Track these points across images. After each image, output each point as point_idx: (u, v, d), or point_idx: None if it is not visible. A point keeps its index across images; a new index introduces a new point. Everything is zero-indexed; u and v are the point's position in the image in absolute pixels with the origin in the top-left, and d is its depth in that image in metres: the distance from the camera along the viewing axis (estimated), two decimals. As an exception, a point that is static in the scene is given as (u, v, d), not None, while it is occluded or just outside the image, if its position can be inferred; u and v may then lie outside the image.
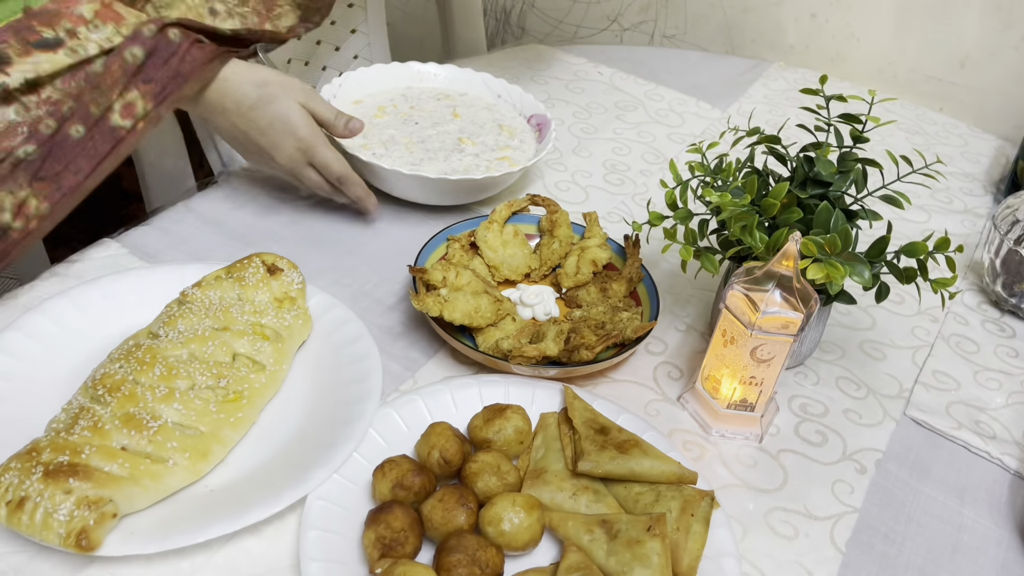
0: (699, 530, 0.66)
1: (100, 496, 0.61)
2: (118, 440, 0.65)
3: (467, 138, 1.05)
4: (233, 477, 0.69)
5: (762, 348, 0.73)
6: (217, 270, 0.82)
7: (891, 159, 0.82)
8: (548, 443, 0.73)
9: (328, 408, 0.74)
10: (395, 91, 1.14)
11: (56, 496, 0.60)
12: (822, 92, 0.82)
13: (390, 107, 1.10)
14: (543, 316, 0.87)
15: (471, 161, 1.02)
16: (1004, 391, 0.90)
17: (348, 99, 1.10)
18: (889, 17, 1.49)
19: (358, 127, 0.94)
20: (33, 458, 0.62)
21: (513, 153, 1.04)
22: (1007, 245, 0.98)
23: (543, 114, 1.10)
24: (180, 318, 0.75)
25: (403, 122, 1.07)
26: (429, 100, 1.13)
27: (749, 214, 0.76)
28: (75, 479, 0.61)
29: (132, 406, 0.67)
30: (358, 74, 1.12)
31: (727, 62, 1.55)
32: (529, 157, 1.03)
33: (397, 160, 1.00)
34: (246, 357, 0.75)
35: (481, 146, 1.05)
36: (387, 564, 0.61)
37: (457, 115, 1.10)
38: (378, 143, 1.03)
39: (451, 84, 1.16)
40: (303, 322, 0.80)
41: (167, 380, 0.70)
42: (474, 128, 1.08)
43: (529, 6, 1.92)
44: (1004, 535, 0.75)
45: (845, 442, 0.81)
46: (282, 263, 0.83)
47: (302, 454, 0.70)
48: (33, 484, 0.60)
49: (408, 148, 1.02)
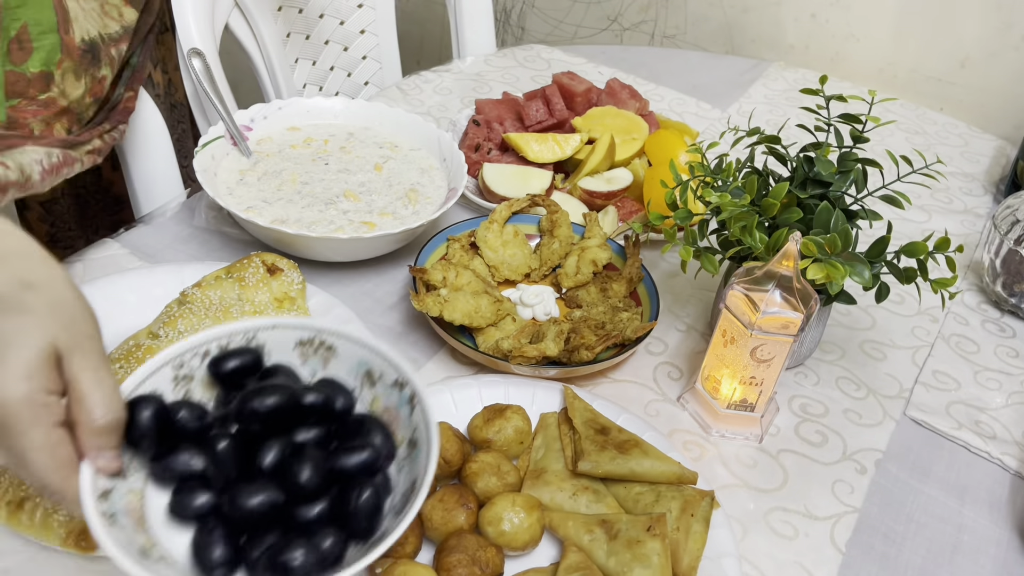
0: (699, 530, 0.66)
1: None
2: None
3: (356, 194, 0.95)
4: None
5: (762, 348, 0.73)
6: (217, 270, 0.82)
7: (891, 159, 0.82)
8: (548, 443, 0.73)
9: None
10: (343, 128, 1.06)
11: None
12: (822, 92, 0.82)
13: (319, 142, 1.03)
14: (543, 316, 0.87)
15: (332, 217, 0.92)
16: (1004, 391, 0.90)
17: (285, 124, 1.04)
18: (889, 17, 1.49)
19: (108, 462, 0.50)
20: None
21: (388, 222, 0.92)
22: (1007, 245, 0.98)
23: (456, 188, 0.97)
24: (180, 318, 0.75)
25: (313, 159, 0.99)
26: (371, 146, 1.04)
27: (749, 214, 0.76)
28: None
29: None
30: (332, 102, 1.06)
31: (727, 62, 1.55)
32: (399, 232, 0.88)
33: (248, 197, 0.92)
34: None
35: (363, 205, 0.94)
36: (387, 564, 0.61)
37: (379, 168, 1.00)
38: (256, 174, 0.96)
39: (408, 137, 1.05)
40: None
41: None
42: (379, 186, 0.97)
43: (529, 6, 1.92)
44: (1004, 535, 0.75)
45: (845, 442, 0.81)
46: (282, 263, 0.83)
47: None
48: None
49: (279, 187, 0.94)
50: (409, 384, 0.56)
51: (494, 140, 1.10)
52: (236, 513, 0.51)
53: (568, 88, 1.18)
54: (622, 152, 1.08)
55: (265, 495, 0.51)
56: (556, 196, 1.03)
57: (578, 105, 1.18)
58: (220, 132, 0.97)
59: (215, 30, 1.12)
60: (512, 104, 1.17)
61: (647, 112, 1.19)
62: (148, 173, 1.06)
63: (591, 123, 1.12)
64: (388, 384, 0.57)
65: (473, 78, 1.36)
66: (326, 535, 0.51)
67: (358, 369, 0.58)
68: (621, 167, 1.08)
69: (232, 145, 0.98)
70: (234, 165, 0.97)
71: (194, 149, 0.93)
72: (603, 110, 1.14)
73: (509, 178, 1.03)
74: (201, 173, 0.90)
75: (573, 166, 1.09)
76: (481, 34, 1.46)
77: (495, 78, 1.36)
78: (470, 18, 1.45)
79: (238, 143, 0.98)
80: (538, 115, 1.14)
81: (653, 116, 1.18)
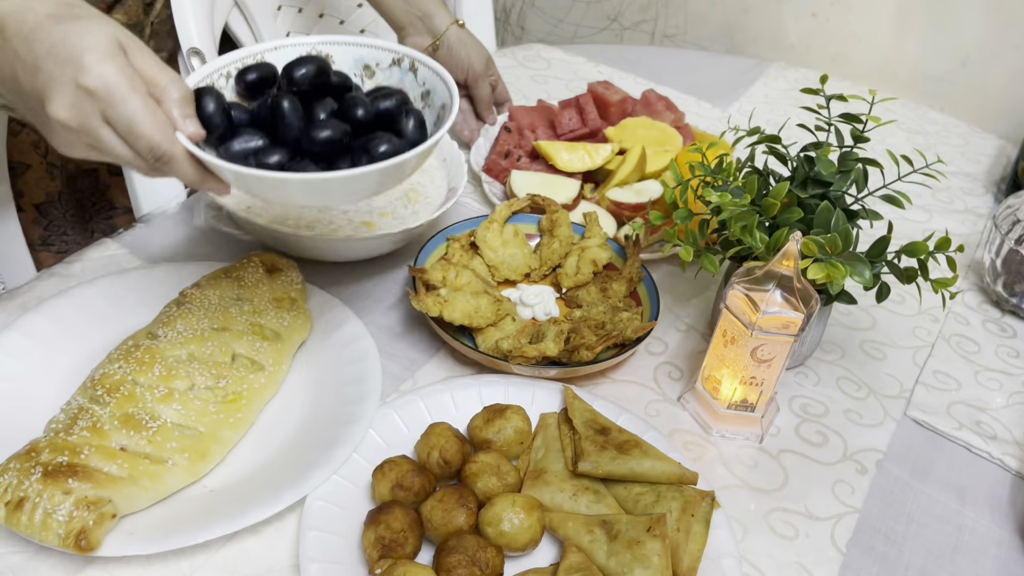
0: (699, 530, 0.66)
1: (99, 497, 0.61)
2: (117, 440, 0.65)
3: None
4: (232, 477, 0.69)
5: (762, 348, 0.73)
6: (216, 270, 0.82)
7: (892, 159, 0.82)
8: (548, 443, 0.73)
9: (328, 408, 0.74)
10: None
11: (55, 496, 0.60)
12: (822, 92, 0.82)
13: None
14: (543, 316, 0.87)
15: (331, 217, 0.92)
16: (1005, 391, 0.90)
17: None
18: (889, 17, 1.49)
19: (193, 130, 0.60)
20: (32, 458, 0.62)
21: (388, 222, 0.93)
22: (1008, 245, 0.98)
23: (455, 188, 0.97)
24: (179, 318, 0.75)
25: None
26: None
27: (749, 214, 0.76)
28: (74, 479, 0.61)
29: (131, 406, 0.67)
30: None
31: (727, 62, 1.55)
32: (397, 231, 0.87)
33: (246, 197, 0.92)
34: (245, 357, 0.74)
35: (363, 205, 0.95)
36: (387, 564, 0.61)
37: None
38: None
39: None
40: (302, 322, 0.80)
41: (166, 380, 0.69)
42: None
43: (529, 6, 1.92)
44: (1004, 535, 0.75)
45: (845, 442, 0.81)
46: (281, 263, 0.82)
47: (301, 454, 0.70)
48: (32, 484, 0.60)
49: None
50: (405, 56, 0.69)
51: (525, 147, 1.10)
52: (313, 147, 0.64)
53: (603, 97, 1.17)
54: (653, 164, 1.06)
55: (333, 128, 0.65)
56: (584, 206, 1.02)
57: (612, 115, 1.17)
58: None
59: (214, 30, 1.12)
60: (546, 112, 1.16)
61: (682, 124, 1.17)
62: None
63: (624, 133, 1.11)
64: (385, 67, 0.69)
65: (473, 78, 1.35)
66: (395, 136, 0.66)
67: (356, 66, 0.72)
68: (652, 179, 1.06)
69: None
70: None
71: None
72: (637, 121, 1.13)
73: (536, 186, 1.02)
74: None
75: (603, 176, 1.08)
76: (481, 33, 1.46)
77: (495, 78, 1.36)
78: (470, 17, 1.44)
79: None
80: (571, 123, 1.13)
81: (688, 128, 1.16)
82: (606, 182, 1.05)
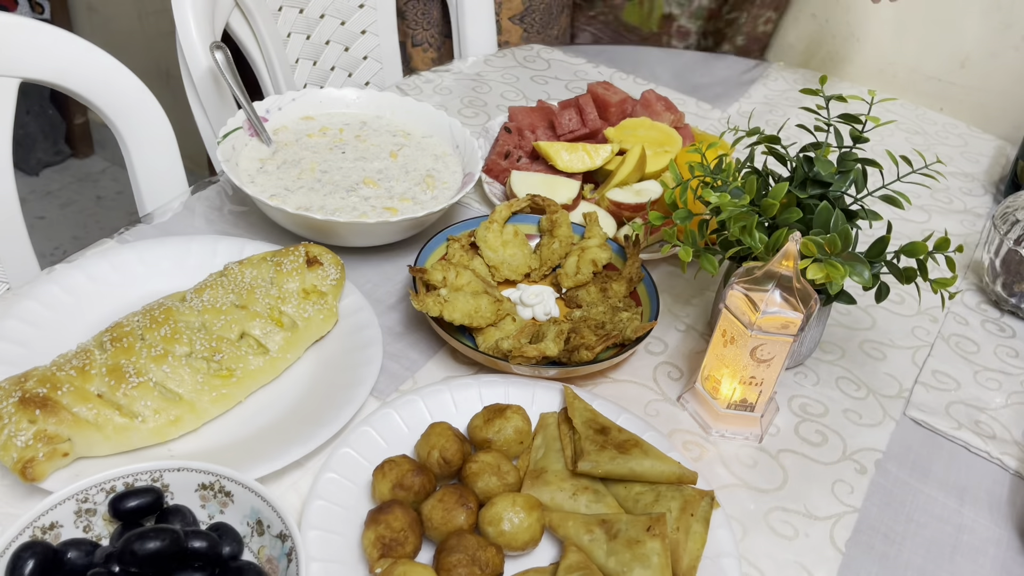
0: (699, 530, 0.66)
1: (57, 433, 0.64)
2: (97, 386, 0.68)
3: (375, 181, 0.98)
4: (199, 448, 0.71)
5: (762, 348, 0.73)
6: (265, 252, 0.84)
7: (891, 159, 0.82)
8: (548, 443, 0.73)
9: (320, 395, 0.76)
10: (357, 117, 1.08)
11: (21, 423, 0.64)
12: (822, 92, 0.82)
13: (334, 131, 1.05)
14: (543, 316, 0.87)
15: (354, 203, 0.95)
16: (1004, 391, 0.90)
17: (300, 114, 1.06)
18: (889, 17, 1.49)
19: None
20: (20, 383, 0.66)
21: (410, 207, 0.95)
22: (1007, 245, 0.98)
23: (472, 173, 0.99)
24: (209, 288, 0.78)
25: (329, 148, 1.02)
26: (384, 134, 1.06)
27: (748, 214, 0.76)
28: (42, 411, 0.64)
29: (124, 358, 0.70)
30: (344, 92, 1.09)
31: (727, 62, 1.55)
32: (420, 216, 0.90)
33: (270, 185, 0.95)
34: (253, 338, 0.76)
35: (383, 191, 0.97)
36: (387, 564, 0.61)
37: (395, 156, 1.02)
38: (276, 162, 0.99)
39: (420, 125, 1.08)
40: (325, 317, 0.81)
41: (168, 342, 0.72)
42: (396, 172, 1.00)
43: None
44: (1004, 535, 0.75)
45: (845, 442, 0.81)
46: (325, 257, 0.84)
47: (277, 436, 0.71)
48: (7, 406, 0.64)
49: (299, 176, 0.97)
50: (290, 538, 0.59)
51: (524, 148, 1.10)
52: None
53: (602, 98, 1.17)
54: (653, 164, 1.06)
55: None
56: (584, 206, 1.02)
57: (612, 116, 1.17)
58: (237, 124, 0.99)
59: (215, 30, 1.12)
60: (545, 112, 1.17)
61: (682, 125, 1.17)
62: (151, 170, 1.06)
63: (624, 134, 1.11)
64: (274, 535, 0.60)
65: (473, 78, 1.36)
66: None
67: (251, 516, 0.62)
68: (651, 179, 1.06)
69: (251, 135, 1.00)
70: (254, 154, 0.99)
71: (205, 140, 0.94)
72: (637, 121, 1.13)
73: (536, 186, 1.02)
74: (224, 162, 0.93)
75: (603, 177, 1.08)
76: (481, 33, 1.46)
77: (495, 79, 1.36)
78: (471, 18, 1.45)
79: (259, 132, 1.00)
80: (571, 124, 1.13)
81: (688, 129, 1.16)
82: (606, 182, 1.05)
